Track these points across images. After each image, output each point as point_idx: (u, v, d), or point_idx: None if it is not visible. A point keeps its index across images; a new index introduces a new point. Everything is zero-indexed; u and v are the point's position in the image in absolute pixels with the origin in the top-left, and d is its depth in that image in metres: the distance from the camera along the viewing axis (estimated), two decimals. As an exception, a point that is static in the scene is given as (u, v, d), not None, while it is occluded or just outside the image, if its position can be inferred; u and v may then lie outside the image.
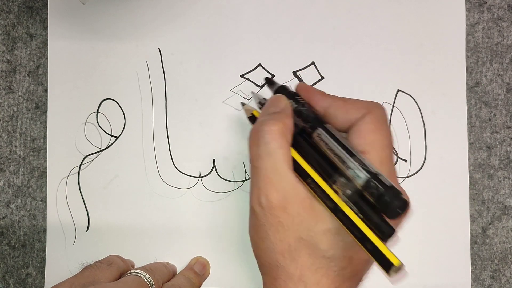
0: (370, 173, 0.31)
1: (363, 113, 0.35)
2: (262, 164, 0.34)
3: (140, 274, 0.40)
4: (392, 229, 0.31)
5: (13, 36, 0.47)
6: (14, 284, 0.46)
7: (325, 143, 0.34)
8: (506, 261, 0.45)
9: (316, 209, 0.34)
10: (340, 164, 0.33)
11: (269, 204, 0.34)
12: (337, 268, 0.34)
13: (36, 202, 0.47)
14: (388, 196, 0.30)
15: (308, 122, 0.35)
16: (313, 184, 0.33)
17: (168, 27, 0.46)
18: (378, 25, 0.46)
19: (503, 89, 0.46)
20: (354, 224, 0.31)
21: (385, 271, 0.30)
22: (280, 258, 0.34)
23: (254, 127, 0.36)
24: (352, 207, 0.32)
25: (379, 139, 0.34)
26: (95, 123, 0.46)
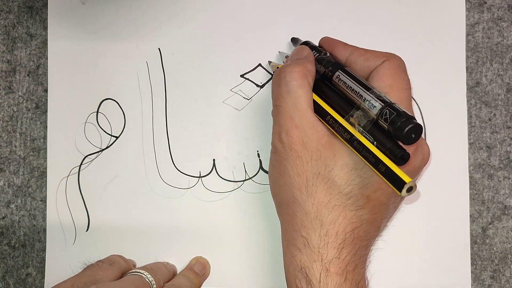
0: (385, 102, 0.34)
1: (382, 60, 0.37)
2: (283, 102, 0.37)
3: (142, 273, 0.40)
4: (405, 152, 0.33)
5: (13, 36, 0.47)
6: (14, 284, 0.46)
7: (344, 83, 0.37)
8: (506, 261, 0.45)
9: (334, 145, 0.35)
10: (357, 98, 0.35)
11: (289, 140, 0.36)
12: (354, 207, 0.34)
13: (36, 202, 0.47)
14: (401, 120, 0.32)
15: (329, 67, 0.38)
16: (331, 120, 0.36)
17: (168, 27, 0.46)
18: (378, 25, 0.46)
19: (503, 89, 0.46)
20: (368, 150, 0.33)
21: (398, 191, 0.31)
22: (297, 193, 0.35)
23: (277, 71, 0.38)
24: (366, 135, 0.34)
25: (397, 82, 0.36)
26: (95, 123, 0.46)
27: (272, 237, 0.45)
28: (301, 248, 0.35)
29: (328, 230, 0.34)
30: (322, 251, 0.34)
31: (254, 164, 0.45)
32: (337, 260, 0.34)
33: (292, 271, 0.35)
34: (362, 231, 0.35)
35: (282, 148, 0.36)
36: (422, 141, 0.36)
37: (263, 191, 0.45)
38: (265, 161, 0.45)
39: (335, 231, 0.34)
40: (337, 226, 0.34)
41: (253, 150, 0.45)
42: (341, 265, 0.34)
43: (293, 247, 0.35)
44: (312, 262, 0.34)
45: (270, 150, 0.45)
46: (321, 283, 0.33)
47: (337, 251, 0.34)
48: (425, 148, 0.36)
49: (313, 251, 0.34)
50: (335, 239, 0.34)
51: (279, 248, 0.45)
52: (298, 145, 0.35)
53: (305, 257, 0.34)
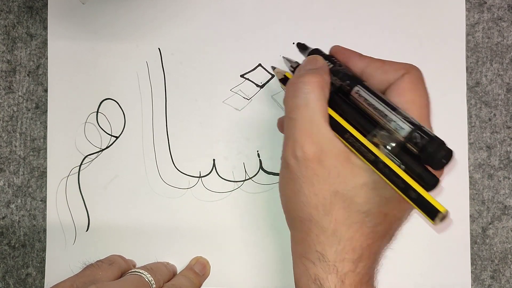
0: (414, 124, 0.32)
1: (401, 73, 0.35)
2: (299, 115, 0.34)
3: (141, 273, 0.40)
4: (436, 179, 0.31)
5: (13, 36, 0.47)
6: (14, 284, 0.46)
7: (365, 99, 0.34)
8: (506, 261, 0.45)
9: (354, 162, 0.33)
10: (381, 118, 0.33)
11: (304, 156, 0.33)
12: (372, 224, 0.33)
13: (36, 202, 0.47)
14: (433, 146, 0.31)
15: (346, 80, 0.35)
16: (351, 139, 0.33)
17: (168, 27, 0.46)
18: (378, 25, 0.46)
19: (503, 89, 0.46)
20: (397, 175, 0.31)
21: (431, 220, 0.30)
22: (314, 212, 0.34)
23: (291, 80, 0.36)
24: (393, 158, 0.32)
25: (417, 98, 0.34)
26: (95, 123, 0.46)
27: (272, 237, 0.45)
28: (315, 261, 0.34)
29: (345, 246, 0.33)
30: (338, 264, 0.33)
31: (254, 164, 0.45)
32: (353, 274, 0.33)
33: (305, 281, 0.34)
34: (377, 245, 0.34)
35: (297, 165, 0.34)
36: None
37: (263, 191, 0.45)
38: (265, 161, 0.45)
39: (352, 247, 0.33)
40: (354, 242, 0.33)
41: (253, 150, 0.45)
42: (356, 278, 0.33)
43: (306, 260, 0.34)
44: (327, 274, 0.33)
45: (269, 150, 0.45)
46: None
47: (353, 264, 0.33)
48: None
49: (328, 264, 0.33)
50: (352, 255, 0.33)
51: (279, 248, 0.45)
52: (314, 162, 0.33)
53: (320, 269, 0.33)
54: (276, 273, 0.45)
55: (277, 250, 0.45)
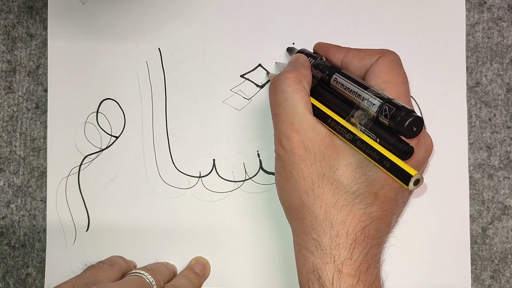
0: (383, 98, 0.34)
1: (376, 57, 0.37)
2: (281, 109, 0.37)
3: (142, 274, 0.40)
4: (409, 146, 0.33)
5: (13, 36, 0.47)
6: (14, 284, 0.46)
7: (341, 84, 0.37)
8: (506, 261, 0.45)
9: (337, 145, 0.35)
10: (356, 98, 0.36)
11: (290, 144, 0.36)
12: (362, 205, 0.34)
13: (36, 202, 0.47)
14: (401, 115, 0.33)
15: (326, 71, 0.39)
16: (333, 123, 0.36)
17: (168, 27, 0.46)
18: (378, 25, 0.46)
19: (503, 89, 0.46)
20: (372, 148, 0.33)
21: (405, 185, 0.31)
22: (304, 197, 0.35)
23: (271, 80, 0.39)
24: (368, 133, 0.34)
25: (394, 77, 0.36)
26: (95, 123, 0.46)
27: (272, 237, 0.45)
28: (313, 251, 0.35)
29: (338, 231, 0.34)
30: (334, 252, 0.34)
31: (254, 164, 0.45)
32: (350, 261, 0.34)
33: (305, 273, 0.35)
34: (372, 229, 0.35)
35: (285, 153, 0.36)
36: (424, 133, 0.36)
37: (263, 191, 0.45)
38: (265, 161, 0.45)
39: (345, 231, 0.34)
40: (347, 226, 0.34)
41: (253, 150, 0.45)
42: (354, 266, 0.34)
43: (305, 250, 0.35)
44: (325, 264, 0.34)
45: (269, 150, 0.45)
46: (334, 285, 0.33)
47: (348, 251, 0.34)
48: (427, 140, 0.36)
49: (325, 253, 0.34)
50: (346, 239, 0.34)
51: (279, 248, 0.45)
52: (300, 148, 0.35)
53: (318, 259, 0.34)
54: (276, 273, 0.45)
55: (277, 250, 0.45)
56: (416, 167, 0.35)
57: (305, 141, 0.35)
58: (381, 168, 0.33)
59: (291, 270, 0.45)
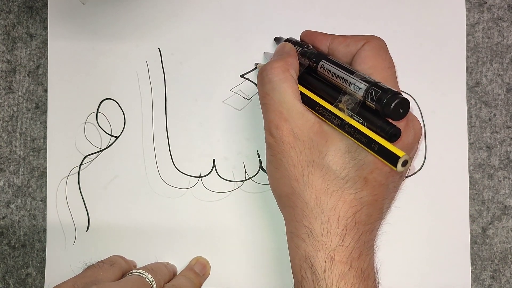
0: (369, 82, 0.34)
1: (362, 43, 0.37)
2: (269, 99, 0.37)
3: (142, 274, 0.40)
4: (396, 128, 0.33)
5: (13, 36, 0.47)
6: (14, 284, 0.46)
7: (328, 71, 0.37)
8: (506, 261, 0.45)
9: (326, 131, 0.35)
10: (342, 84, 0.36)
11: (279, 133, 0.36)
12: (353, 191, 0.34)
13: (36, 202, 0.47)
14: (387, 97, 0.33)
15: (312, 58, 0.39)
16: (321, 109, 0.36)
17: (168, 27, 0.46)
18: (378, 25, 0.46)
19: (503, 89, 0.46)
20: (359, 131, 0.33)
21: (393, 166, 0.32)
22: (294, 184, 0.35)
23: (258, 71, 0.39)
24: (356, 118, 0.34)
25: (379, 62, 0.36)
26: (95, 123, 0.46)
27: (272, 237, 0.45)
28: (304, 238, 0.35)
29: (329, 217, 0.34)
30: (326, 239, 0.34)
31: (254, 164, 0.45)
32: (341, 248, 0.33)
33: (297, 261, 0.35)
34: (364, 214, 0.34)
35: (274, 142, 0.36)
36: (412, 116, 0.36)
37: (263, 191, 0.45)
38: (265, 161, 0.45)
39: (336, 217, 0.34)
40: (337, 212, 0.34)
41: (253, 150, 0.45)
42: (345, 253, 0.33)
43: (297, 238, 0.35)
44: (317, 251, 0.34)
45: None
46: (325, 272, 0.33)
47: (340, 238, 0.34)
48: (416, 123, 0.36)
49: (316, 240, 0.34)
50: (337, 225, 0.34)
51: (279, 248, 0.45)
52: (289, 136, 0.36)
53: (310, 247, 0.34)
54: (276, 273, 0.45)
55: (277, 250, 0.45)
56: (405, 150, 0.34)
57: (294, 129, 0.36)
58: (369, 151, 0.33)
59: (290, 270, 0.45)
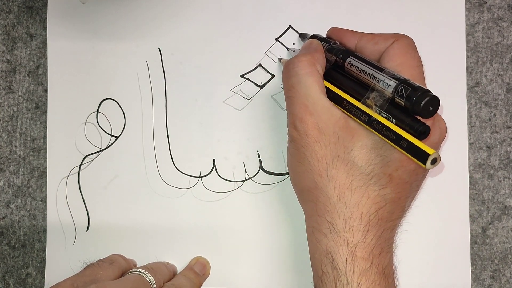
0: (399, 79, 0.34)
1: (391, 41, 0.37)
2: (295, 92, 0.37)
3: (142, 273, 0.40)
4: (426, 126, 0.33)
5: (13, 36, 0.47)
6: (14, 284, 0.46)
7: (356, 67, 0.37)
8: (506, 261, 0.45)
9: (352, 126, 0.35)
10: (371, 80, 0.36)
11: (304, 126, 0.36)
12: (377, 187, 0.34)
13: (36, 202, 0.47)
14: (417, 95, 0.33)
15: (340, 55, 0.39)
16: (348, 105, 0.36)
17: (168, 26, 0.46)
18: (378, 25, 0.46)
19: (503, 89, 0.46)
20: (388, 128, 0.33)
21: (422, 164, 0.31)
22: (318, 178, 0.35)
23: (285, 64, 0.39)
24: (384, 114, 0.34)
25: (408, 60, 0.36)
26: (95, 123, 0.46)
27: (272, 237, 0.45)
28: (326, 233, 0.34)
29: (352, 212, 0.34)
30: (348, 235, 0.33)
31: (254, 164, 0.45)
32: (363, 244, 0.33)
33: (318, 256, 0.35)
34: (386, 211, 0.34)
35: (298, 135, 0.36)
36: (438, 116, 0.36)
37: (263, 191, 0.45)
38: (265, 161, 0.45)
39: (359, 213, 0.34)
40: (361, 208, 0.34)
41: (253, 150, 0.45)
42: (367, 249, 0.33)
43: (318, 233, 0.35)
44: (338, 246, 0.33)
45: (269, 150, 0.45)
46: (347, 268, 0.33)
47: (362, 234, 0.33)
48: (442, 123, 0.36)
49: (338, 235, 0.34)
50: (359, 221, 0.34)
51: (279, 248, 0.45)
52: (314, 130, 0.35)
53: (331, 242, 0.34)
54: (276, 273, 0.45)
55: (277, 250, 0.45)
56: None
57: (319, 123, 0.35)
58: (397, 148, 0.33)
59: (291, 269, 0.45)
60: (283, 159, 0.45)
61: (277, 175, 0.45)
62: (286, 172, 0.45)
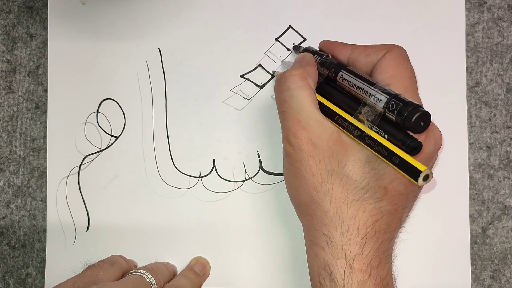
0: (390, 94, 0.34)
1: (383, 52, 0.37)
2: (287, 107, 0.37)
3: (142, 274, 0.40)
4: (418, 142, 0.33)
5: (13, 36, 0.47)
6: (14, 284, 0.46)
7: (348, 81, 0.37)
8: (506, 261, 0.45)
9: (345, 141, 0.35)
10: (362, 95, 0.36)
11: (298, 141, 0.36)
12: (372, 200, 0.34)
13: (36, 202, 0.47)
14: (408, 110, 0.33)
15: (332, 68, 0.39)
16: (340, 120, 0.36)
17: (168, 27, 0.46)
18: (378, 25, 0.46)
19: (503, 89, 0.46)
20: (380, 144, 0.33)
21: (414, 180, 0.32)
22: (314, 193, 0.35)
23: (277, 78, 0.39)
24: (376, 130, 0.34)
25: (400, 72, 0.36)
26: (95, 123, 0.46)
27: (272, 237, 0.45)
28: (324, 246, 0.34)
29: (349, 226, 0.34)
30: (345, 247, 0.34)
31: (254, 164, 0.45)
32: (361, 256, 0.33)
33: (316, 269, 0.35)
34: (383, 223, 0.34)
35: (293, 150, 0.36)
36: (433, 126, 0.36)
37: (263, 191, 0.45)
38: (265, 161, 0.45)
39: (356, 226, 0.34)
40: (357, 220, 0.34)
41: (253, 150, 0.45)
42: (365, 261, 0.33)
43: (316, 246, 0.35)
44: (336, 259, 0.34)
45: (269, 150, 0.45)
46: (345, 280, 0.33)
47: (359, 246, 0.34)
48: (436, 132, 0.36)
49: (336, 248, 0.34)
50: (356, 234, 0.34)
51: (279, 248, 0.45)
52: (308, 145, 0.36)
53: (329, 255, 0.34)
54: (276, 273, 0.45)
55: (277, 250, 0.45)
56: (425, 160, 0.35)
57: (312, 138, 0.35)
58: (389, 164, 0.33)
59: (291, 269, 0.45)
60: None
61: (277, 175, 0.45)
62: (286, 172, 0.45)
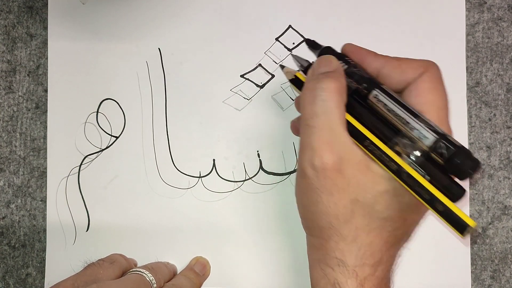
0: (438, 133, 0.31)
1: (420, 72, 0.34)
2: (318, 122, 0.33)
3: (142, 272, 0.40)
4: (462, 190, 0.30)
5: (13, 36, 0.47)
6: (14, 284, 0.46)
7: (384, 104, 0.32)
8: (506, 261, 0.45)
9: (374, 171, 0.32)
10: (402, 125, 0.32)
11: (323, 166, 0.32)
12: (391, 229, 0.33)
13: (36, 202, 0.47)
14: (460, 157, 0.30)
15: (363, 83, 0.34)
16: (371, 146, 0.32)
17: (168, 27, 0.46)
18: (378, 25, 0.46)
19: (503, 89, 0.46)
20: (422, 186, 0.30)
21: (459, 233, 0.29)
22: (333, 221, 0.33)
23: (308, 85, 0.34)
24: (417, 169, 0.30)
25: (437, 99, 0.33)
26: (95, 123, 0.46)
27: (272, 237, 0.45)
28: (333, 267, 0.33)
29: (365, 251, 0.33)
30: (358, 269, 0.33)
31: (254, 164, 0.45)
32: (372, 277, 0.33)
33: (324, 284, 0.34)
34: (396, 248, 0.34)
35: (315, 175, 0.33)
36: None
37: (263, 191, 0.45)
38: (265, 161, 0.45)
39: (371, 252, 0.33)
40: (373, 246, 0.33)
41: (253, 150, 0.45)
42: (375, 282, 0.33)
43: (325, 266, 0.34)
44: (347, 279, 0.33)
45: (269, 150, 0.45)
46: None
47: (373, 268, 0.33)
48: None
49: (347, 269, 0.33)
50: (371, 259, 0.33)
51: (279, 248, 0.45)
52: (333, 172, 0.32)
53: (339, 274, 0.33)
54: (276, 273, 0.45)
55: (277, 250, 0.45)
56: None
57: (340, 165, 0.32)
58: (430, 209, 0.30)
59: (291, 269, 0.45)
60: (283, 159, 0.45)
61: (277, 175, 0.45)
62: (286, 172, 0.45)
